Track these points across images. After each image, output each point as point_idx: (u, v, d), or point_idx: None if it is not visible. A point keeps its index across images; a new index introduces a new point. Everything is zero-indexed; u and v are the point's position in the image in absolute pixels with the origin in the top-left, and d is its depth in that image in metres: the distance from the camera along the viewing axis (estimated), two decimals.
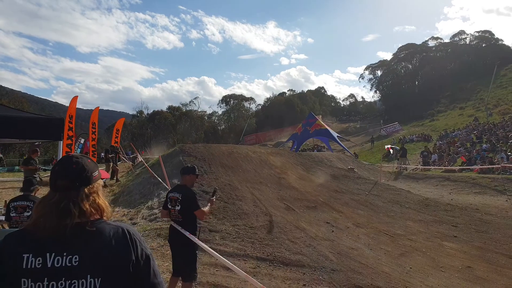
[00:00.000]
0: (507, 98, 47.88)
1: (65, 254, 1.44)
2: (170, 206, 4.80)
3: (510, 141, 23.37)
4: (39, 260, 1.42)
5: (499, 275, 6.58)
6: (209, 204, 5.00)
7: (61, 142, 6.62)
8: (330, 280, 5.97)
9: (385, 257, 7.31)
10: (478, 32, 75.99)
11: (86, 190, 1.56)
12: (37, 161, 11.11)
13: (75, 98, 13.11)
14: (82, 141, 27.62)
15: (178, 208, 4.70)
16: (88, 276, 1.45)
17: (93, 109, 21.81)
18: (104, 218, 1.60)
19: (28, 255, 1.42)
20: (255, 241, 7.47)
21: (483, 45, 72.93)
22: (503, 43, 72.97)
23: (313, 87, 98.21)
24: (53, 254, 1.44)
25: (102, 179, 1.74)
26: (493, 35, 74.22)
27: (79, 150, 26.31)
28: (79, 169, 1.57)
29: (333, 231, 8.66)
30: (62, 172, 1.56)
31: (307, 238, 7.89)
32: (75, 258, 1.44)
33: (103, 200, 1.64)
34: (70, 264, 1.43)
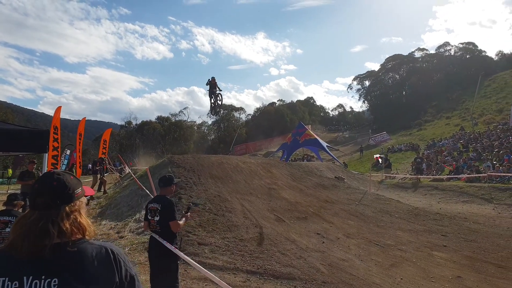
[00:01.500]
0: (491, 108, 48.97)
1: (43, 277, 1.38)
2: (149, 217, 4.79)
3: (495, 150, 23.68)
4: (15, 284, 1.36)
5: (488, 284, 6.58)
6: (183, 219, 4.95)
7: (46, 154, 6.51)
8: None
9: (375, 268, 7.27)
10: (462, 43, 78.17)
11: (67, 208, 1.50)
12: (35, 174, 10.67)
13: (58, 109, 12.87)
14: (68, 152, 27.20)
15: (157, 218, 4.69)
16: None
17: (80, 120, 21.56)
18: (87, 237, 1.54)
19: (4, 279, 1.37)
20: (245, 254, 7.39)
21: (467, 56, 74.71)
22: (486, 54, 75.24)
23: (302, 97, 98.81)
24: (31, 277, 1.38)
25: (86, 196, 1.68)
26: (477, 46, 76.39)
27: (66, 161, 25.95)
28: (60, 187, 1.51)
29: (323, 242, 8.61)
30: (41, 190, 1.49)
31: (297, 250, 7.82)
32: (54, 281, 1.38)
33: (85, 219, 1.58)
34: None
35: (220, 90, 19.20)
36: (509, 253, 8.37)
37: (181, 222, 4.79)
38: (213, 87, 18.93)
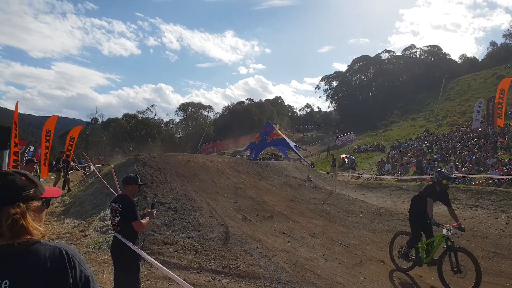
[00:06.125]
0: (454, 110, 50.82)
1: None
2: (111, 217, 4.70)
3: (458, 152, 24.53)
4: None
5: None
6: (147, 217, 4.85)
7: (7, 151, 6.29)
8: None
9: (340, 267, 7.39)
10: (427, 46, 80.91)
11: (10, 210, 1.42)
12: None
13: (16, 104, 12.56)
14: (32, 149, 26.26)
15: (117, 219, 4.59)
16: None
17: (46, 115, 20.92)
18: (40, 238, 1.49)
19: None
20: (210, 253, 7.34)
21: (432, 58, 77.35)
22: (450, 57, 78.18)
23: (270, 97, 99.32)
24: None
25: (47, 197, 1.61)
26: (441, 49, 79.37)
27: (28, 158, 25.03)
28: (2, 188, 1.46)
29: (289, 241, 8.67)
30: None
31: (263, 249, 7.85)
32: (5, 283, 1.33)
33: (31, 222, 1.48)
34: None
35: None
36: None
37: (144, 221, 4.68)
38: None
